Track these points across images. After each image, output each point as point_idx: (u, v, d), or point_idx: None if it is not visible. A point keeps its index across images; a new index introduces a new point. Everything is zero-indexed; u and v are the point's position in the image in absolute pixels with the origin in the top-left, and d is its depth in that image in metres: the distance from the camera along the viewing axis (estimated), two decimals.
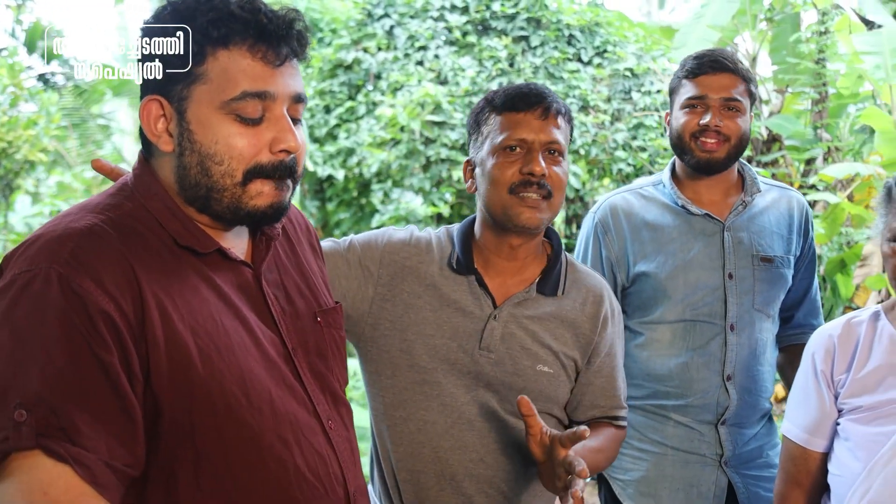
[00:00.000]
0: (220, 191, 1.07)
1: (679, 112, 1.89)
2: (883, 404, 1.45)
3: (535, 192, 1.46)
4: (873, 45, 5.45)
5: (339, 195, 6.44)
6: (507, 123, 1.49)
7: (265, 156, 1.07)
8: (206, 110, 1.05)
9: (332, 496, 1.16)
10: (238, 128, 1.05)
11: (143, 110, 1.08)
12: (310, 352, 1.22)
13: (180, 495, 1.03)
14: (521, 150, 1.48)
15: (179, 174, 1.08)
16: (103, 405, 0.96)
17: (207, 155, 1.05)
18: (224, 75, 1.05)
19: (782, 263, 1.93)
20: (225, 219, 1.10)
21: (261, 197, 1.08)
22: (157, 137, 1.08)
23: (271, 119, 1.07)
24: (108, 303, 0.96)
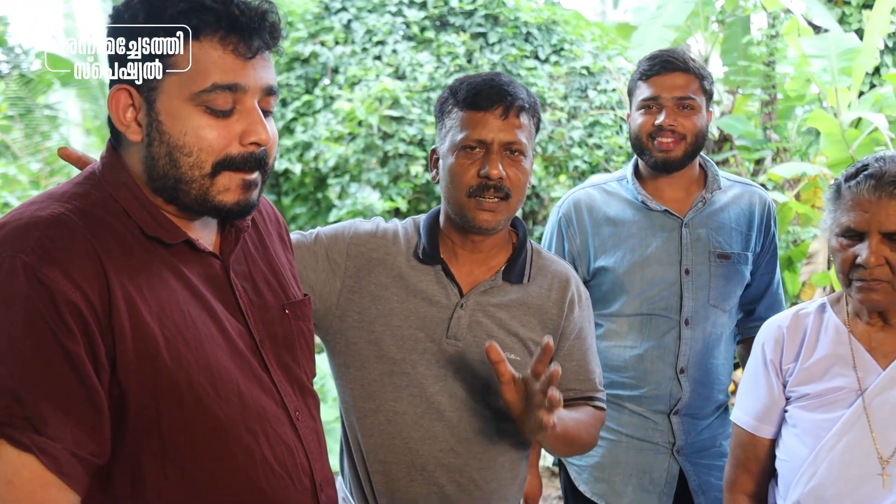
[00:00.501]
0: (188, 182, 1.06)
1: (636, 113, 1.93)
2: (828, 392, 1.50)
3: (493, 196, 1.47)
4: (820, 48, 5.61)
5: (296, 189, 6.39)
6: (467, 121, 1.48)
7: (235, 148, 1.07)
8: (176, 101, 1.05)
9: (298, 486, 1.17)
10: (208, 119, 1.05)
11: (112, 99, 1.07)
12: (277, 344, 1.22)
13: (147, 485, 1.03)
14: (480, 150, 1.48)
15: (148, 164, 1.07)
16: (69, 395, 0.96)
17: (176, 146, 1.05)
18: (194, 67, 1.04)
19: (739, 260, 1.98)
20: (192, 210, 1.10)
21: (228, 193, 1.08)
22: (125, 127, 1.07)
23: (242, 111, 1.07)
24: (75, 292, 0.96)
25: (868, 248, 1.40)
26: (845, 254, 1.44)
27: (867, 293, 1.43)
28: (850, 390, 1.49)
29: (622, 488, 1.97)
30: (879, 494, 1.42)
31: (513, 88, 1.49)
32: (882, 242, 1.40)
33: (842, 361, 1.51)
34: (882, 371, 1.47)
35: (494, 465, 1.55)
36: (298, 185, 6.35)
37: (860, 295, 1.44)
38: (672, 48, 1.95)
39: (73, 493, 0.96)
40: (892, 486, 1.41)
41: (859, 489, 1.43)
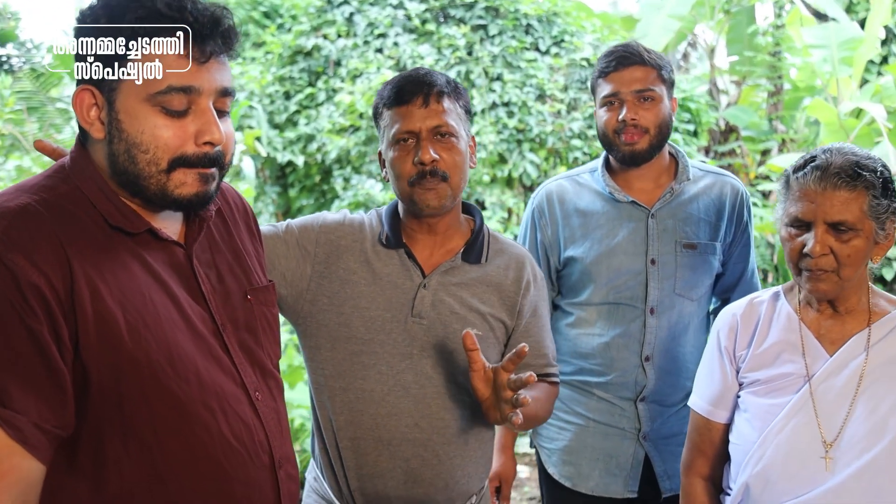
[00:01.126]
0: (146, 178, 1.13)
1: (600, 110, 1.97)
2: (778, 378, 1.55)
3: (430, 181, 1.57)
4: (821, 38, 5.60)
5: (302, 181, 6.46)
6: (395, 117, 1.59)
7: (190, 147, 1.14)
8: (133, 102, 1.11)
9: (256, 462, 1.24)
10: (164, 119, 1.12)
11: (76, 99, 1.14)
12: (239, 328, 1.29)
13: (108, 458, 1.10)
14: (412, 140, 1.58)
15: (110, 160, 1.14)
16: (33, 372, 1.03)
17: (134, 144, 1.12)
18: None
19: (707, 250, 2.00)
20: (155, 203, 1.17)
21: (184, 187, 1.15)
22: (89, 125, 1.14)
23: (197, 112, 1.14)
24: (39, 277, 1.03)
25: (814, 238, 1.44)
26: (793, 243, 1.48)
27: (815, 283, 1.47)
28: (798, 376, 1.53)
29: (589, 472, 2.02)
30: (822, 477, 1.46)
31: (430, 78, 1.59)
32: (827, 232, 1.44)
33: (791, 348, 1.55)
34: (829, 358, 1.52)
35: (458, 440, 1.62)
36: (304, 177, 6.42)
37: (808, 285, 1.48)
38: (627, 42, 1.98)
39: (37, 462, 1.03)
40: (834, 469, 1.46)
41: (803, 471, 1.48)
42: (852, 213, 1.42)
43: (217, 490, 1.18)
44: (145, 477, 1.13)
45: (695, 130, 6.87)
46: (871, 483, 1.43)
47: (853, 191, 1.42)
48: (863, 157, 1.46)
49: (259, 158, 5.93)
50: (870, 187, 1.43)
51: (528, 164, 5.79)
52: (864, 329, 1.52)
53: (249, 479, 1.22)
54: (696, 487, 1.69)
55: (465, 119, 1.63)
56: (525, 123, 5.82)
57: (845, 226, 1.43)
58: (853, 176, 1.42)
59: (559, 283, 2.08)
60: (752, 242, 2.09)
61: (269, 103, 6.37)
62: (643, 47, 1.94)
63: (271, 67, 6.52)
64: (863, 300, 1.54)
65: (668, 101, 1.94)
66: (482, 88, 5.92)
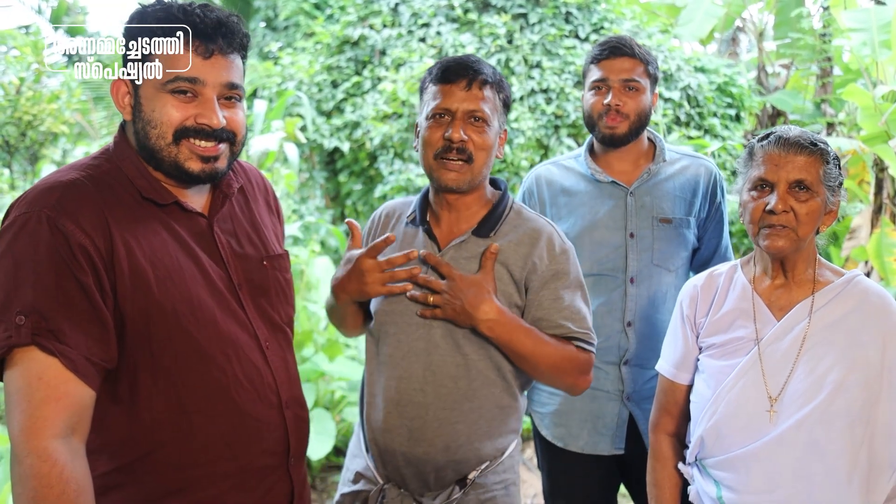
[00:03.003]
0: (158, 150, 1.39)
1: (588, 94, 2.16)
2: (731, 342, 1.71)
3: (456, 157, 1.69)
4: (861, 21, 5.57)
5: (350, 166, 6.72)
6: (437, 93, 1.71)
7: (190, 122, 1.39)
8: (151, 90, 1.38)
9: (264, 401, 1.48)
10: (173, 101, 1.38)
11: (113, 88, 1.41)
12: (254, 288, 1.53)
13: (141, 390, 1.35)
14: (447, 118, 1.69)
15: (135, 138, 1.41)
16: (82, 314, 1.28)
17: (148, 121, 1.38)
18: (164, 63, 1.37)
19: (681, 224, 2.18)
20: (173, 176, 1.42)
21: (190, 161, 1.40)
22: (122, 109, 1.42)
23: (202, 100, 1.39)
24: (85, 238, 1.29)
25: (776, 196, 1.60)
26: (756, 203, 1.63)
27: (774, 239, 1.61)
28: (748, 340, 1.69)
29: (578, 432, 2.20)
30: (766, 428, 1.62)
31: (478, 65, 1.72)
32: (788, 192, 1.60)
33: (744, 315, 1.71)
34: (777, 323, 1.67)
35: (461, 407, 1.73)
36: (352, 162, 6.67)
37: (767, 241, 1.62)
38: (621, 35, 2.16)
39: (88, 388, 1.28)
40: (777, 421, 1.62)
41: (750, 424, 1.63)
42: (810, 174, 1.60)
43: (230, 422, 1.42)
44: (172, 407, 1.37)
45: (737, 115, 6.89)
46: (808, 434, 1.58)
47: (811, 156, 1.61)
48: (815, 134, 1.65)
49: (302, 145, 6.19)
50: (824, 155, 1.62)
51: (565, 149, 5.92)
52: (809, 297, 1.67)
53: (260, 416, 1.46)
54: (663, 444, 1.86)
55: (501, 111, 1.74)
56: (563, 109, 5.96)
57: (804, 185, 1.60)
58: (811, 143, 1.62)
59: None
60: (726, 220, 2.25)
61: (317, 91, 6.63)
62: (635, 42, 2.13)
63: (319, 57, 6.78)
64: (810, 271, 1.69)
65: (649, 94, 2.13)
66: (521, 76, 6.07)
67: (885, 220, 5.34)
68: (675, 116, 6.28)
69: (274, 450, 1.49)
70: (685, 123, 6.35)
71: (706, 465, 1.72)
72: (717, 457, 1.68)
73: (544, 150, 6.00)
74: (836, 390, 1.58)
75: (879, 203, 5.57)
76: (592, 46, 2.18)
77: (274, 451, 1.49)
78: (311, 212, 6.77)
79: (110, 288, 1.30)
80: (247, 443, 1.44)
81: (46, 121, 5.32)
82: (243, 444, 1.43)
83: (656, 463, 1.86)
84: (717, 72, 6.69)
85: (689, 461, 1.77)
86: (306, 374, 3.96)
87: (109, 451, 1.35)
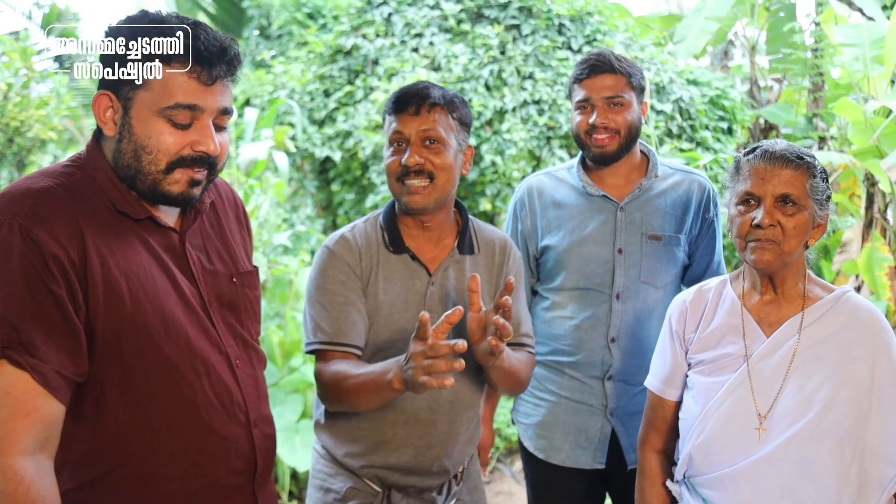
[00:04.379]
0: (145, 174, 1.35)
1: (574, 113, 2.14)
2: (720, 358, 1.69)
3: (416, 179, 1.76)
4: (853, 37, 5.59)
5: (342, 175, 6.69)
6: (392, 122, 1.79)
7: (187, 151, 1.35)
8: (146, 112, 1.33)
9: (233, 420, 1.44)
10: (169, 129, 1.33)
11: (95, 101, 1.36)
12: (224, 305, 1.50)
13: (107, 406, 1.32)
14: (403, 144, 1.77)
15: (115, 156, 1.36)
16: (54, 327, 1.24)
17: (141, 146, 1.33)
18: (163, 87, 1.33)
19: (671, 242, 2.16)
20: (146, 197, 1.38)
21: (177, 185, 1.36)
22: (104, 124, 1.36)
23: (198, 126, 1.35)
24: (59, 249, 1.25)
25: (763, 211, 1.59)
26: (743, 218, 1.62)
27: (760, 253, 1.60)
28: (737, 356, 1.67)
29: (560, 445, 2.19)
30: (755, 446, 1.60)
31: (426, 91, 1.78)
32: (774, 206, 1.59)
33: (733, 331, 1.70)
34: (766, 339, 1.66)
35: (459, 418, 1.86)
36: (345, 171, 6.64)
37: (754, 255, 1.61)
38: (601, 51, 2.14)
39: (58, 403, 1.25)
40: (766, 439, 1.60)
41: (739, 442, 1.62)
42: (797, 188, 1.58)
43: (197, 440, 1.39)
44: (138, 423, 1.33)
45: (729, 128, 6.90)
46: (797, 452, 1.57)
47: (797, 170, 1.59)
48: (802, 148, 1.64)
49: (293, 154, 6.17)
50: (811, 168, 1.60)
51: (557, 160, 5.91)
52: (799, 313, 1.65)
53: (228, 434, 1.43)
54: (651, 460, 1.84)
55: (458, 130, 1.81)
56: (555, 121, 5.95)
57: (791, 199, 1.58)
58: (798, 157, 1.60)
59: (538, 271, 2.25)
60: (719, 236, 2.23)
61: (309, 100, 6.61)
62: (615, 55, 2.10)
63: (312, 66, 6.76)
64: (799, 286, 1.68)
65: (636, 106, 2.11)
66: (514, 87, 6.06)
67: (875, 235, 5.34)
68: (668, 129, 6.28)
69: (240, 469, 1.46)
70: (677, 136, 6.36)
71: (694, 484, 1.70)
72: (706, 475, 1.66)
73: (536, 162, 5.99)
74: (826, 408, 1.57)
75: (870, 217, 5.58)
76: (574, 66, 2.17)
77: (240, 470, 1.46)
78: (301, 221, 6.74)
79: (83, 300, 1.27)
80: (214, 461, 1.41)
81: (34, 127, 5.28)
82: (210, 463, 1.41)
83: (644, 480, 1.84)
84: (709, 85, 6.70)
85: (677, 479, 1.76)
86: (294, 384, 3.93)
87: (71, 468, 1.32)
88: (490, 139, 5.95)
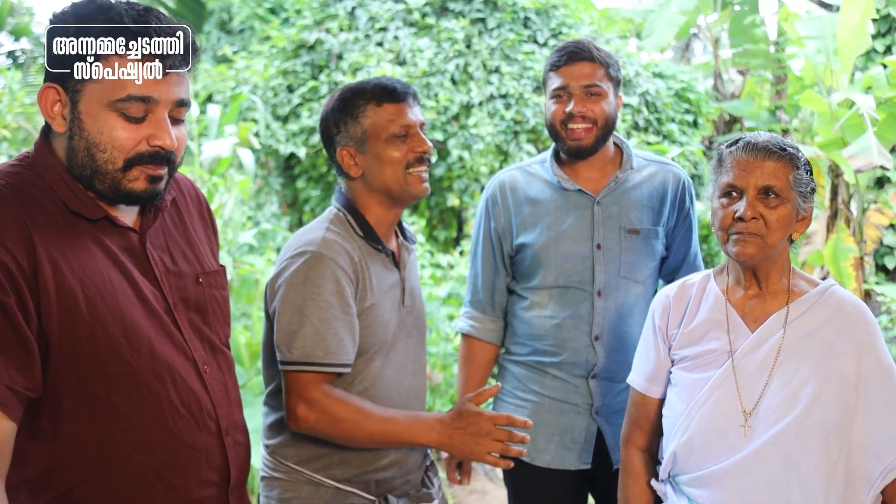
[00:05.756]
0: (102, 174, 1.26)
1: (549, 102, 2.08)
2: (704, 354, 1.66)
3: (425, 166, 1.78)
4: (815, 30, 5.62)
5: (308, 172, 6.60)
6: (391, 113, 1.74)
7: (143, 146, 1.26)
8: (95, 106, 1.24)
9: (203, 429, 1.36)
10: (122, 123, 1.25)
11: (42, 95, 1.26)
12: (190, 307, 1.41)
13: (64, 418, 1.23)
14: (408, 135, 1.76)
15: (69, 154, 1.27)
16: (3, 339, 1.15)
17: (93, 143, 1.24)
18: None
19: (649, 234, 2.12)
20: (106, 197, 1.29)
21: (137, 182, 1.28)
22: (52, 119, 1.27)
23: (153, 119, 1.26)
24: (6, 255, 1.15)
25: (745, 203, 1.55)
26: (726, 211, 1.59)
27: (742, 245, 1.57)
28: (722, 352, 1.64)
29: (545, 446, 2.14)
30: (740, 444, 1.57)
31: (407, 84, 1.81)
32: (757, 198, 1.56)
33: (717, 326, 1.66)
34: (751, 334, 1.62)
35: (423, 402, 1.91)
36: (310, 168, 6.55)
37: (736, 248, 1.58)
38: (579, 39, 2.08)
39: (8, 420, 1.16)
40: (751, 436, 1.57)
41: (724, 439, 1.59)
42: (780, 179, 1.56)
43: (165, 452, 1.31)
44: (99, 438, 1.25)
45: (694, 121, 6.94)
46: (783, 449, 1.54)
47: (780, 161, 1.56)
48: (785, 139, 1.61)
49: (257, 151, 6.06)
50: (794, 160, 1.58)
51: (525, 154, 5.89)
52: (783, 308, 1.62)
53: (197, 444, 1.35)
54: (634, 459, 1.80)
55: None
56: (522, 115, 5.92)
57: (773, 191, 1.55)
58: (780, 149, 1.57)
59: (513, 269, 2.19)
60: (695, 227, 2.20)
61: (272, 96, 6.50)
62: (593, 45, 2.05)
63: (275, 61, 6.65)
64: (784, 281, 1.65)
65: (613, 98, 2.05)
66: (480, 81, 6.02)
67: (840, 226, 5.40)
68: (634, 122, 6.29)
69: (213, 480, 1.39)
70: (644, 129, 6.37)
71: (679, 482, 1.67)
72: (691, 473, 1.63)
73: (504, 157, 5.96)
74: (812, 404, 1.54)
75: (835, 208, 5.64)
76: (551, 52, 2.10)
77: (213, 481, 1.39)
78: (266, 218, 6.63)
79: (34, 309, 1.18)
80: (183, 474, 1.33)
81: None
82: (179, 476, 1.32)
83: (627, 479, 1.80)
84: (674, 78, 6.74)
85: (661, 478, 1.72)
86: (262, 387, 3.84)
87: (29, 489, 1.23)
88: (457, 134, 5.90)
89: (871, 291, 5.30)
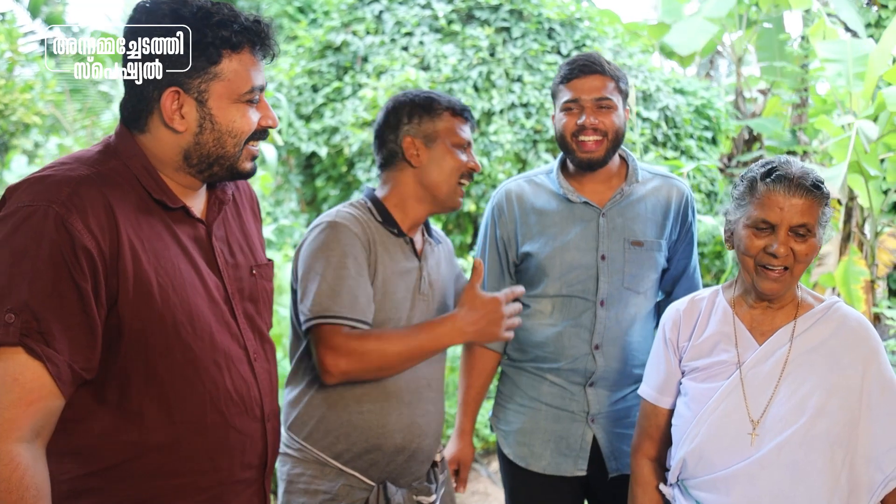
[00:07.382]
0: (225, 158, 1.40)
1: (560, 114, 2.12)
2: (713, 365, 1.72)
3: (468, 182, 1.99)
4: (836, 53, 5.66)
5: (327, 171, 6.68)
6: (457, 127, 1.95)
7: (255, 126, 1.42)
8: (226, 101, 1.38)
9: (250, 414, 1.46)
10: (250, 110, 1.40)
11: (167, 99, 1.35)
12: (244, 297, 1.51)
13: (131, 396, 1.32)
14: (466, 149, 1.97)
15: (187, 148, 1.38)
16: (74, 320, 1.23)
17: (227, 132, 1.38)
18: (237, 75, 1.37)
19: (652, 247, 2.16)
20: (217, 177, 1.43)
21: (246, 162, 1.44)
22: (172, 120, 1.36)
23: (261, 103, 1.43)
24: (91, 241, 1.24)
25: (778, 240, 1.61)
26: (755, 242, 1.64)
27: (771, 282, 1.63)
28: (730, 363, 1.70)
29: (541, 452, 2.17)
30: (747, 451, 1.63)
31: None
32: (789, 235, 1.62)
33: (726, 339, 1.73)
34: (758, 347, 1.69)
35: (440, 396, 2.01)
36: (330, 167, 6.64)
37: (763, 283, 1.64)
38: (590, 52, 2.12)
39: (61, 397, 1.24)
40: (759, 444, 1.63)
41: (732, 446, 1.65)
42: (811, 217, 1.61)
43: (217, 435, 1.40)
44: (159, 416, 1.34)
45: (713, 138, 6.97)
46: (789, 456, 1.60)
47: (812, 199, 1.61)
48: (815, 172, 1.65)
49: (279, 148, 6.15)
50: (824, 198, 1.63)
51: (543, 163, 5.95)
52: (791, 322, 1.69)
53: (244, 429, 1.44)
54: (644, 468, 1.87)
55: None
56: (542, 124, 5.99)
57: (805, 228, 1.61)
58: (815, 186, 1.61)
59: (517, 277, 2.24)
60: (696, 241, 2.25)
61: (296, 95, 6.60)
62: (604, 59, 2.10)
63: (301, 60, 6.75)
64: (791, 296, 1.71)
65: (622, 111, 2.10)
66: (502, 89, 6.09)
67: (853, 249, 5.43)
68: (653, 136, 6.34)
69: (254, 463, 1.48)
70: (662, 143, 6.42)
71: (688, 486, 1.73)
72: (699, 477, 1.69)
73: (522, 164, 6.02)
74: (817, 414, 1.60)
75: (848, 231, 5.68)
76: (560, 65, 2.14)
77: (253, 464, 1.48)
78: (285, 215, 6.72)
79: (107, 297, 1.26)
80: (230, 456, 1.42)
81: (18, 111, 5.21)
82: (227, 458, 1.42)
83: (637, 487, 1.86)
84: (695, 94, 6.78)
85: (670, 482, 1.78)
86: None
87: (84, 455, 1.31)
88: (477, 140, 5.97)
89: (880, 315, 5.33)
